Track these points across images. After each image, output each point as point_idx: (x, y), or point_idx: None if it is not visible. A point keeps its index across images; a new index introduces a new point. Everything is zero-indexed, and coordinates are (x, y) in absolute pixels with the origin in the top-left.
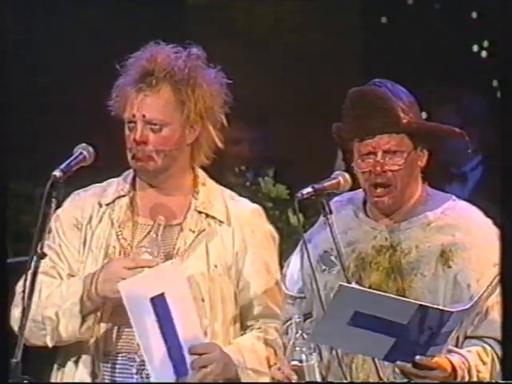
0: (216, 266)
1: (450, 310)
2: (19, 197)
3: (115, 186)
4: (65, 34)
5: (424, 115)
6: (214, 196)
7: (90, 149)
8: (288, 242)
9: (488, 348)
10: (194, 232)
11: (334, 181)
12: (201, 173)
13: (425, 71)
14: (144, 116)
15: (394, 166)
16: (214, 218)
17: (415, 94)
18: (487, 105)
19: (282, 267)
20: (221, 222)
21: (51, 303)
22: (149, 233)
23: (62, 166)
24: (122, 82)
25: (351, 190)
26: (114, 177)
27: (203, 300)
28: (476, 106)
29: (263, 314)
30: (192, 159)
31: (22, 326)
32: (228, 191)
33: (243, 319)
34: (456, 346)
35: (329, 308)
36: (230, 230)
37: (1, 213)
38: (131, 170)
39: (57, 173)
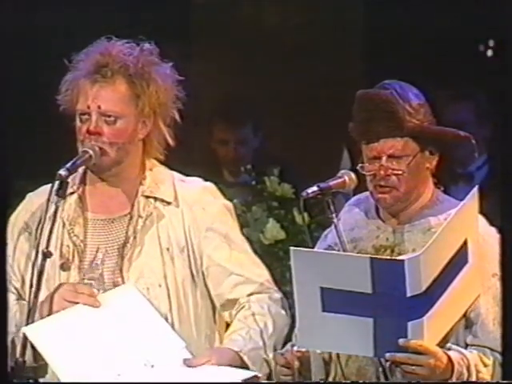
0: (168, 249)
1: (401, 258)
2: (23, 196)
3: (69, 183)
4: (65, 32)
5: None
6: (162, 179)
7: (96, 148)
8: (293, 240)
9: (489, 353)
10: (142, 217)
11: (339, 180)
12: (148, 160)
13: (429, 71)
14: (99, 107)
15: (399, 170)
16: (161, 200)
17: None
18: (493, 104)
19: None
20: (168, 203)
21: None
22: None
23: (68, 165)
24: (72, 76)
25: (357, 189)
26: None
27: (160, 286)
28: (481, 106)
29: (236, 283)
30: (144, 154)
31: (27, 325)
32: (178, 174)
33: (220, 295)
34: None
35: (297, 286)
36: (179, 211)
37: (1, 213)
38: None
39: (62, 172)
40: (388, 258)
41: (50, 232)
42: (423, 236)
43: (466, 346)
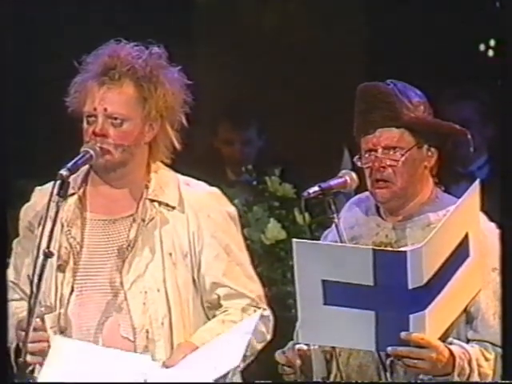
0: (170, 254)
1: (403, 249)
2: (25, 196)
3: (70, 182)
4: (66, 31)
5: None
6: (167, 182)
7: (97, 148)
8: None
9: (490, 348)
10: (144, 221)
11: (340, 180)
12: (154, 163)
13: (430, 71)
14: (105, 110)
15: (393, 161)
16: (166, 204)
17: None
18: (493, 104)
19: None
20: (172, 207)
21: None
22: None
23: (69, 165)
24: (80, 79)
25: (358, 189)
26: None
27: (158, 290)
28: (482, 105)
29: (227, 296)
30: (150, 158)
31: (28, 326)
32: (184, 177)
33: (209, 305)
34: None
35: (298, 280)
36: (184, 216)
37: (1, 212)
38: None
39: (63, 172)
40: (390, 249)
41: (51, 232)
42: (422, 232)
43: (468, 341)
